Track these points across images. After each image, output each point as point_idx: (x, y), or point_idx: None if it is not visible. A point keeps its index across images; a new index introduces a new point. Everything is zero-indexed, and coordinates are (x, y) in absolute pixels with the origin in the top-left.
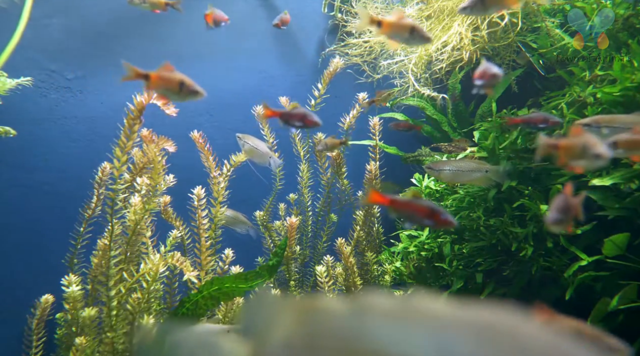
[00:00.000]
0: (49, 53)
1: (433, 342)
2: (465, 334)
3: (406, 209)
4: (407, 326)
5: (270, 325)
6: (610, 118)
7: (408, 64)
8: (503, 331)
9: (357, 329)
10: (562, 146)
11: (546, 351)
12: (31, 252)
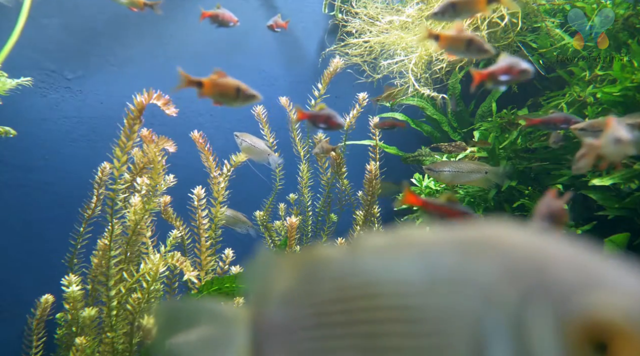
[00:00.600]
0: (49, 53)
1: (421, 262)
2: (452, 250)
3: (439, 212)
4: (397, 254)
5: (269, 283)
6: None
7: (408, 64)
8: (489, 240)
9: (351, 267)
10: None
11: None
12: (31, 252)
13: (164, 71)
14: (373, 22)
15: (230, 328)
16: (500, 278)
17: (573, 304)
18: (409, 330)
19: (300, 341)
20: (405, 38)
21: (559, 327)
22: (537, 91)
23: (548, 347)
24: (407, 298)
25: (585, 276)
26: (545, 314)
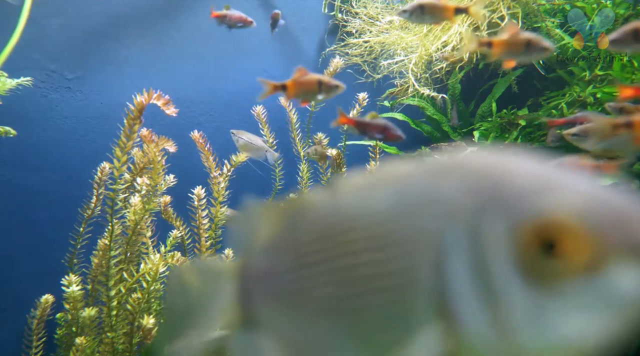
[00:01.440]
0: (49, 53)
1: (392, 191)
2: (420, 176)
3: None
4: (372, 188)
5: (254, 233)
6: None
7: (408, 64)
8: (454, 163)
9: (328, 208)
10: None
11: (491, 170)
12: (31, 252)
13: (164, 71)
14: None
15: (220, 280)
16: (460, 194)
17: (524, 208)
18: (379, 257)
19: (283, 284)
20: (405, 38)
21: (510, 232)
22: (537, 91)
23: (500, 253)
24: (377, 227)
25: (538, 183)
26: (499, 221)
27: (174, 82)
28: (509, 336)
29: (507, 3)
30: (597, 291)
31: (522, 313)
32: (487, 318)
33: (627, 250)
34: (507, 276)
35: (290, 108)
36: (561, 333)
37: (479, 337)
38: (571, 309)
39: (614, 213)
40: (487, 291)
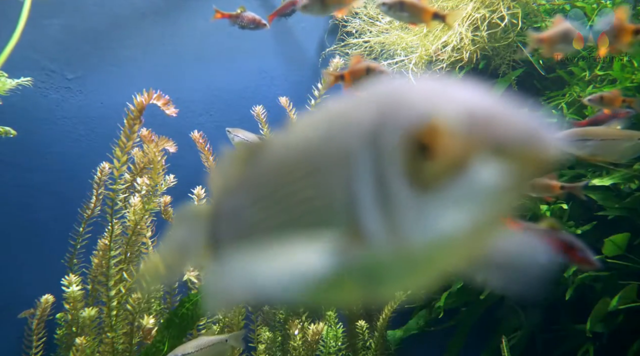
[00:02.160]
0: (49, 53)
1: (325, 123)
2: (346, 106)
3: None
4: (310, 126)
5: (225, 178)
6: (585, 131)
7: (408, 64)
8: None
9: (279, 147)
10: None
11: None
12: (31, 252)
13: (164, 71)
14: (373, 22)
15: (194, 222)
16: (368, 116)
17: (408, 119)
18: (311, 182)
19: (243, 219)
20: (406, 38)
21: (398, 141)
22: (537, 91)
23: (393, 162)
24: (310, 157)
25: (425, 97)
26: (393, 134)
27: (173, 82)
28: (401, 239)
29: (507, 3)
30: (465, 187)
31: (409, 216)
32: (385, 224)
33: (488, 148)
34: (398, 184)
35: (290, 108)
36: (440, 229)
37: (378, 241)
38: (446, 206)
39: (482, 116)
40: (384, 200)
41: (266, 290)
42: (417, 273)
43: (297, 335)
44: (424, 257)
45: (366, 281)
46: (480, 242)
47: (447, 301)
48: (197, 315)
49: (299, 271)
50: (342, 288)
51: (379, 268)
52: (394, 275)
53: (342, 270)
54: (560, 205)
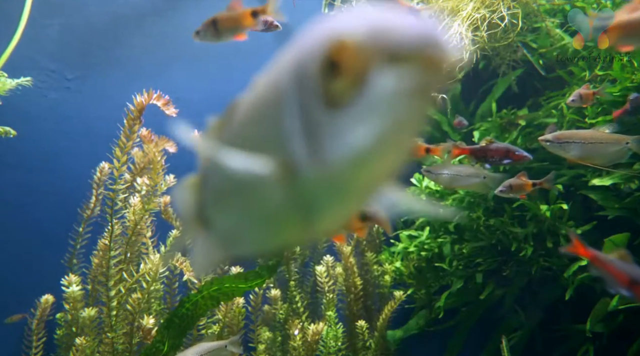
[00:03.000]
0: (49, 53)
1: (273, 70)
2: (290, 54)
3: (607, 271)
4: (261, 76)
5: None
6: (574, 133)
7: None
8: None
9: (242, 102)
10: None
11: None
12: (31, 252)
13: (164, 71)
14: None
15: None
16: (302, 52)
17: (322, 41)
18: (258, 128)
19: (218, 184)
20: None
21: (315, 67)
22: (537, 91)
23: (312, 89)
24: (257, 104)
25: (337, 22)
26: (313, 63)
27: (173, 82)
28: (323, 161)
29: (507, 3)
30: (370, 98)
31: (327, 137)
32: (309, 148)
33: (385, 56)
34: (316, 107)
35: None
36: (354, 145)
37: (306, 167)
38: (357, 121)
39: (378, 27)
40: (307, 125)
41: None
42: (345, 198)
43: (297, 335)
44: (346, 176)
45: (304, 212)
46: (396, 155)
47: (447, 301)
48: (197, 315)
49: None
50: (287, 224)
51: (312, 195)
52: (325, 202)
53: (283, 200)
54: (560, 205)
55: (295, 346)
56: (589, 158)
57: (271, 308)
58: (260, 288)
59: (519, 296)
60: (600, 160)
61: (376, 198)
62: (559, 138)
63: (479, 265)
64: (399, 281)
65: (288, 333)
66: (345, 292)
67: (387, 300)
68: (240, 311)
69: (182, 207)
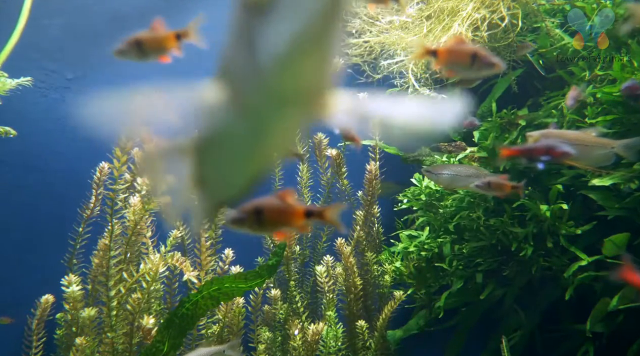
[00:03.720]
0: (49, 53)
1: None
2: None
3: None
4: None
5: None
6: (560, 133)
7: (408, 64)
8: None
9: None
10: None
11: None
12: (31, 252)
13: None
14: (373, 22)
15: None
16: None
17: None
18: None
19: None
20: (406, 38)
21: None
22: (537, 91)
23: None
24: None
25: None
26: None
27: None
28: (257, 65)
29: (507, 3)
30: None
31: (257, 41)
32: (247, 56)
33: None
34: (246, 17)
35: None
36: (277, 43)
37: (245, 78)
38: (277, 22)
39: None
40: (243, 34)
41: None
42: (285, 108)
43: (297, 335)
44: (278, 78)
45: (257, 131)
46: (320, 56)
47: (447, 301)
48: (197, 315)
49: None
50: (250, 151)
51: (257, 111)
52: (268, 115)
53: (240, 128)
54: (560, 205)
55: (295, 346)
56: (575, 159)
57: (271, 308)
58: (260, 288)
59: (519, 296)
60: (585, 162)
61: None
62: (547, 136)
63: (479, 265)
64: (399, 281)
65: (288, 333)
66: (345, 292)
67: (387, 300)
68: (240, 311)
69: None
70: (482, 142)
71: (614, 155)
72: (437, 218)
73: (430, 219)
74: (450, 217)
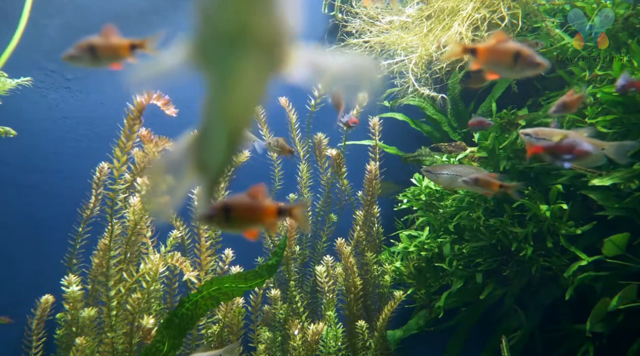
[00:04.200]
0: (49, 53)
1: None
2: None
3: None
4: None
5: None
6: (549, 131)
7: (408, 64)
8: None
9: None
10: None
11: None
12: (31, 252)
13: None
14: (373, 22)
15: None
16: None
17: None
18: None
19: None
20: (406, 38)
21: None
22: (537, 91)
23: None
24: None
25: None
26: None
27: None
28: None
29: (507, 3)
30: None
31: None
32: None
33: None
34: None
35: (289, 109)
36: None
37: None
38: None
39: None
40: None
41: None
42: (237, 48)
43: (297, 335)
44: (221, 15)
45: (219, 84)
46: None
47: (447, 301)
48: (197, 315)
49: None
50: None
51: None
52: (223, 60)
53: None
54: (560, 205)
55: (295, 346)
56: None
57: (271, 308)
58: (260, 288)
59: (519, 296)
60: (575, 163)
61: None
62: (538, 133)
63: (479, 265)
64: (398, 281)
65: (288, 333)
66: (345, 292)
67: (387, 300)
68: (240, 311)
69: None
70: (482, 142)
71: (604, 156)
72: (437, 218)
73: (430, 219)
74: (450, 217)
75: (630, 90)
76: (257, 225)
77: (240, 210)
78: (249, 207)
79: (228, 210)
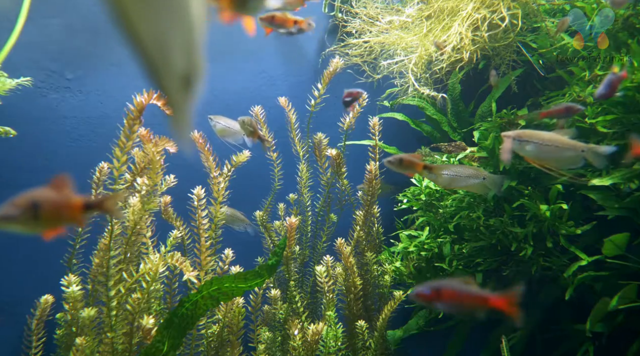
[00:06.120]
0: (49, 53)
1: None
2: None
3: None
4: None
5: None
6: (533, 133)
7: (408, 64)
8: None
9: None
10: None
11: None
12: (31, 252)
13: None
14: (373, 22)
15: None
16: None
17: None
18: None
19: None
20: (405, 38)
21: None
22: (537, 91)
23: None
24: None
25: None
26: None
27: None
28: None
29: (507, 3)
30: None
31: None
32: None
33: None
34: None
35: (289, 108)
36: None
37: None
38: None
39: None
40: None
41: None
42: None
43: (297, 335)
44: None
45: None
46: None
47: None
48: (197, 315)
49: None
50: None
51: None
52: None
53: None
54: (560, 205)
55: (295, 346)
56: (544, 160)
57: (271, 308)
58: (260, 288)
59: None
60: (554, 164)
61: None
62: (520, 136)
63: (479, 265)
64: (398, 281)
65: (288, 333)
66: (345, 292)
67: (387, 300)
68: (240, 311)
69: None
70: (482, 142)
71: (583, 158)
72: (437, 218)
73: (430, 219)
74: (450, 217)
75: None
76: (65, 221)
77: (48, 206)
78: (57, 203)
79: (36, 207)
